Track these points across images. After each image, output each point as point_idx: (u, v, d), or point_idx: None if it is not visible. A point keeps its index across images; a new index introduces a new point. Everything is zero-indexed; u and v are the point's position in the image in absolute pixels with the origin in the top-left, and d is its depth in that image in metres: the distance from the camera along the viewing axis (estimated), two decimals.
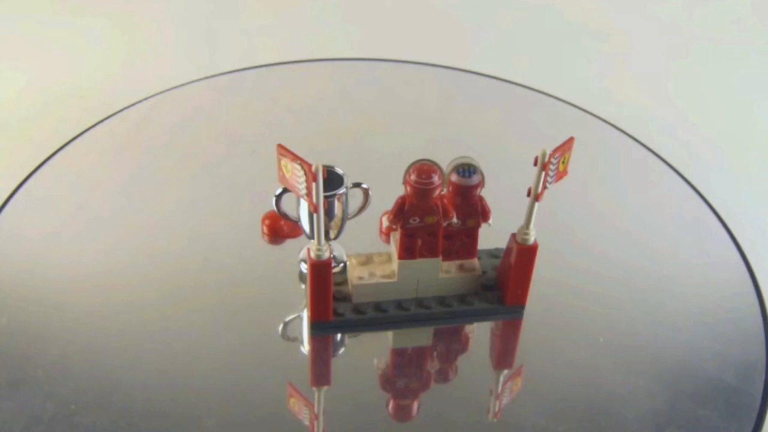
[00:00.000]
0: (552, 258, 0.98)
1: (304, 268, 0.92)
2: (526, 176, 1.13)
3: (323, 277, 0.82)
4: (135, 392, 0.80)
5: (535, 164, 0.79)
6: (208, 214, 1.03)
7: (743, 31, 2.15)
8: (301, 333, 0.88)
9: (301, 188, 0.76)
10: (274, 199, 0.88)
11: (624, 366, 0.86)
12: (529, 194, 0.82)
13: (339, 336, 0.87)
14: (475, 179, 0.83)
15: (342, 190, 0.86)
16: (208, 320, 0.88)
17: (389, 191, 0.85)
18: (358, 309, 0.87)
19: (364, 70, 1.39)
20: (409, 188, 0.80)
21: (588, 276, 0.97)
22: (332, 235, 0.89)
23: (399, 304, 0.87)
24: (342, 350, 0.88)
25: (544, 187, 0.81)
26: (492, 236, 0.88)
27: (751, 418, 0.79)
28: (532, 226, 0.84)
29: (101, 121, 1.16)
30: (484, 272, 0.90)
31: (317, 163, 0.73)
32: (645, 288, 0.96)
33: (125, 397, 0.79)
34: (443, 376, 0.85)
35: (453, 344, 0.89)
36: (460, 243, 0.87)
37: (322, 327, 0.86)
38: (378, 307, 0.87)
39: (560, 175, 0.82)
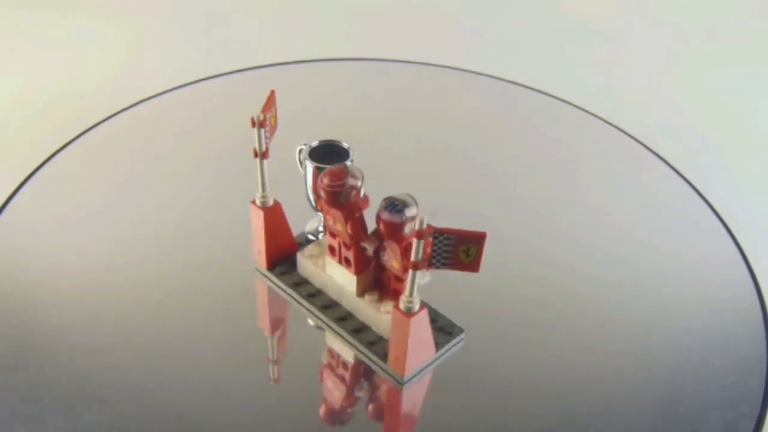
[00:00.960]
0: (550, 258, 0.99)
1: (310, 237, 0.96)
2: (525, 175, 1.14)
3: (269, 223, 0.88)
4: (134, 389, 0.80)
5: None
6: (208, 215, 1.03)
7: (743, 31, 2.15)
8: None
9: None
10: (297, 152, 0.92)
11: (623, 366, 0.86)
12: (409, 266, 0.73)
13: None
14: (398, 218, 0.75)
15: (348, 162, 0.88)
16: (210, 321, 0.88)
17: (388, 190, 0.85)
18: (292, 278, 0.90)
19: (365, 70, 1.39)
20: (321, 191, 0.80)
21: (586, 276, 0.97)
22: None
23: (318, 295, 0.88)
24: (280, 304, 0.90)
25: (425, 264, 0.72)
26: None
27: (752, 419, 0.79)
28: (415, 294, 0.75)
29: (101, 121, 1.16)
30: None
31: (259, 114, 0.80)
32: (645, 288, 0.96)
33: (124, 394, 0.80)
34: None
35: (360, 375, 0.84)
36: (391, 280, 0.82)
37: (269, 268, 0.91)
38: (303, 284, 0.89)
39: (460, 265, 0.72)
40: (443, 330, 0.84)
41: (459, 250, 0.71)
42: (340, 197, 0.79)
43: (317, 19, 2.10)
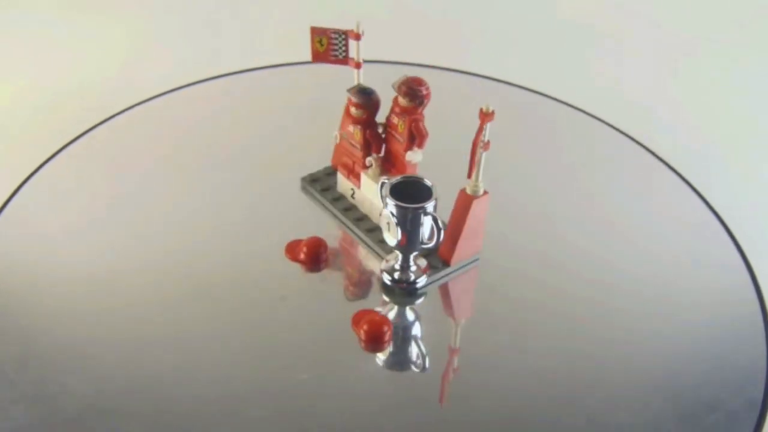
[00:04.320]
0: (550, 259, 0.99)
1: (387, 279, 0.91)
2: (525, 175, 1.13)
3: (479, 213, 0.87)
4: (139, 392, 0.80)
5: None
6: (208, 216, 1.03)
7: (744, 31, 2.15)
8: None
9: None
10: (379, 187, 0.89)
11: (622, 367, 0.86)
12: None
13: None
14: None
15: (433, 202, 0.86)
16: (210, 325, 0.88)
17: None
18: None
19: (365, 70, 1.39)
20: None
21: (584, 276, 0.97)
22: (428, 243, 0.88)
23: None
24: None
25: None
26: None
27: (752, 419, 0.79)
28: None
29: (101, 122, 1.16)
30: None
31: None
32: (644, 289, 0.96)
33: (126, 400, 0.80)
34: None
35: None
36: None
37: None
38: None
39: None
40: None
41: None
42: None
43: (317, 20, 2.10)
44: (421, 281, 0.91)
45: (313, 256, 0.93)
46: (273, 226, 1.02)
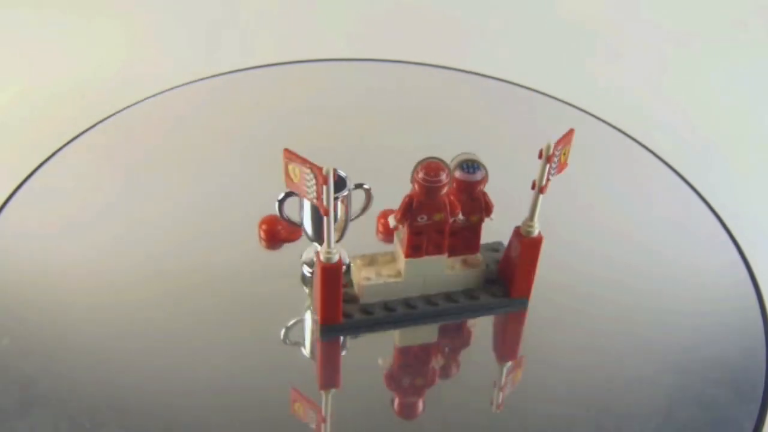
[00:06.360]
0: (551, 259, 0.98)
1: (307, 270, 0.92)
2: (525, 175, 1.13)
3: (334, 281, 0.82)
4: (136, 395, 0.80)
5: (540, 157, 0.80)
6: (207, 215, 1.03)
7: (744, 30, 2.15)
8: (303, 336, 0.88)
9: (311, 192, 0.75)
10: (276, 204, 0.88)
11: (624, 367, 0.86)
12: (533, 187, 0.83)
13: (344, 338, 0.87)
14: (479, 175, 0.84)
15: (345, 192, 0.85)
16: (209, 322, 0.88)
17: (390, 191, 0.85)
18: (366, 309, 0.86)
19: (364, 70, 1.39)
20: (417, 186, 0.80)
21: (587, 277, 0.97)
22: (336, 237, 0.88)
23: (407, 302, 0.87)
24: (348, 351, 0.87)
25: (548, 179, 0.81)
26: (491, 231, 0.89)
27: (752, 418, 0.79)
28: (536, 218, 0.85)
29: (101, 121, 1.16)
30: (486, 266, 0.90)
31: (327, 166, 0.73)
32: (644, 289, 0.96)
33: (126, 399, 0.80)
34: (448, 372, 0.85)
35: (458, 339, 0.90)
36: (463, 238, 0.87)
37: (332, 330, 0.86)
38: (386, 306, 0.87)
39: (561, 166, 0.83)
40: None
41: (562, 154, 0.81)
42: (440, 190, 0.79)
43: (317, 19, 2.10)
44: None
45: None
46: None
